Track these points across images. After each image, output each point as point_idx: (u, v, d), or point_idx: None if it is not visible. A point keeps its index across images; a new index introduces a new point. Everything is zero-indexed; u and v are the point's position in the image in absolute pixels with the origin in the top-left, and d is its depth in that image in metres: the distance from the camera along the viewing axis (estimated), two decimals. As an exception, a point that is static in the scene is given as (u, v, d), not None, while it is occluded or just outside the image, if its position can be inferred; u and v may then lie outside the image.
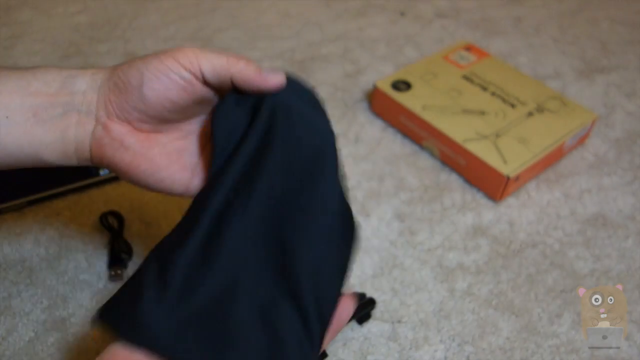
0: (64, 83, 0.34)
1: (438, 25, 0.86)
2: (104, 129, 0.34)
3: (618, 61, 0.80)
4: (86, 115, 0.34)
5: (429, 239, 0.55)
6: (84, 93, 0.34)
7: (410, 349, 0.47)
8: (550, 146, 0.60)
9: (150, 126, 0.35)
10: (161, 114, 0.35)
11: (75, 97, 0.34)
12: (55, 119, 0.34)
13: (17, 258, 0.51)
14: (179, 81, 0.33)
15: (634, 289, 0.52)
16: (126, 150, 0.35)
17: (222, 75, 0.34)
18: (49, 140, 0.34)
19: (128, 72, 0.33)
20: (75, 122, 0.34)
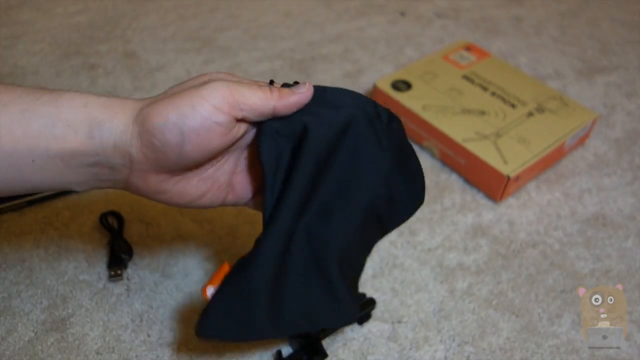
0: (92, 131, 0.31)
1: (438, 25, 0.86)
2: (141, 178, 0.33)
3: (618, 61, 0.80)
4: (120, 166, 0.33)
5: (429, 239, 0.55)
6: (115, 147, 0.32)
7: (410, 349, 0.47)
8: (550, 146, 0.60)
9: (187, 170, 0.34)
10: (201, 162, 0.34)
11: (107, 151, 0.32)
12: (87, 167, 0.32)
13: (16, 258, 0.51)
14: (219, 129, 0.31)
15: (634, 289, 0.52)
16: (164, 193, 0.35)
17: (264, 113, 0.33)
18: (79, 180, 0.33)
19: (164, 127, 0.31)
20: (108, 171, 0.33)
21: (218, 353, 0.45)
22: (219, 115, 0.31)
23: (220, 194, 0.37)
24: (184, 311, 0.48)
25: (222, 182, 0.37)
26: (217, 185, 0.37)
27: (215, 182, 0.36)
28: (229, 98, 0.31)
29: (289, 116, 0.34)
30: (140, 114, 0.32)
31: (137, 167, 0.32)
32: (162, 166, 0.32)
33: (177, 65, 0.75)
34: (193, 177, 0.35)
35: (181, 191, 0.35)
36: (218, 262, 0.52)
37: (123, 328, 0.47)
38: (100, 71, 0.73)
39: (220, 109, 0.31)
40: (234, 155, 0.37)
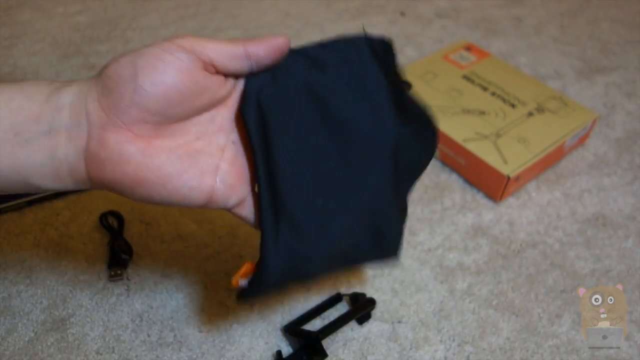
0: (50, 97, 0.30)
1: (438, 25, 0.86)
2: (99, 142, 0.30)
3: (618, 61, 0.80)
4: (76, 129, 0.30)
5: (429, 239, 0.55)
6: (71, 105, 0.30)
7: (410, 349, 0.47)
8: (550, 146, 0.60)
9: (151, 128, 0.31)
10: (162, 109, 0.30)
11: (62, 112, 0.30)
12: (40, 138, 0.29)
13: (16, 258, 0.51)
14: (177, 63, 0.30)
15: (634, 289, 0.52)
16: (127, 162, 0.30)
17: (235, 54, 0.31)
18: (35, 162, 0.30)
19: (117, 66, 0.30)
20: (64, 139, 0.30)
21: (218, 353, 0.46)
22: (177, 49, 0.30)
23: (201, 179, 0.33)
24: (184, 311, 0.48)
25: (204, 166, 0.33)
26: (198, 168, 0.33)
27: (193, 161, 0.32)
28: (193, 39, 0.30)
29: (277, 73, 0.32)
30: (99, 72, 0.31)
31: (94, 123, 0.30)
32: (119, 113, 0.29)
33: (177, 65, 0.75)
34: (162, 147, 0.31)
35: (148, 162, 0.31)
36: (218, 262, 0.52)
37: (123, 328, 0.47)
38: (100, 71, 0.73)
39: (181, 45, 0.30)
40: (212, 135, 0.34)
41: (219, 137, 0.34)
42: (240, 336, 0.47)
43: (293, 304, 0.49)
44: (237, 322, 0.48)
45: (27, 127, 0.29)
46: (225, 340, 0.46)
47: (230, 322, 0.48)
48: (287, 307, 0.49)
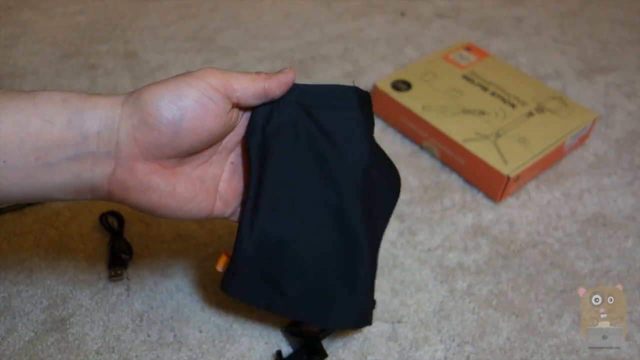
0: (71, 121, 0.29)
1: (438, 25, 0.86)
2: (127, 171, 0.31)
3: (618, 61, 0.80)
4: (104, 157, 0.30)
5: (429, 239, 0.55)
6: (99, 134, 0.30)
7: (410, 349, 0.47)
8: (550, 146, 0.60)
9: (177, 160, 0.33)
10: (194, 148, 0.32)
11: (89, 140, 0.30)
12: (65, 163, 0.30)
13: (16, 258, 0.51)
14: (215, 109, 0.31)
15: (634, 289, 0.52)
16: (153, 192, 0.32)
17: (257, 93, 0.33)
18: (57, 182, 0.30)
19: (159, 104, 0.30)
20: (90, 164, 0.30)
21: (218, 353, 0.46)
22: (215, 92, 0.31)
23: (208, 200, 0.36)
24: (184, 311, 0.48)
25: (210, 187, 0.36)
26: (205, 189, 0.35)
27: (203, 184, 0.35)
28: (222, 79, 0.32)
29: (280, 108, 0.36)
30: (131, 97, 0.30)
31: (125, 154, 0.30)
32: (152, 149, 0.30)
33: (177, 65, 0.75)
34: (182, 174, 0.34)
35: (171, 190, 0.33)
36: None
37: (123, 328, 0.47)
38: (100, 71, 0.73)
39: (216, 87, 0.31)
40: (219, 158, 0.37)
41: (223, 159, 0.37)
42: (240, 336, 0.47)
43: (293, 304, 0.49)
44: (237, 322, 0.48)
45: (49, 152, 0.29)
46: (225, 340, 0.46)
47: (230, 322, 0.48)
48: (287, 307, 0.49)
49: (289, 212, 0.36)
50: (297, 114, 0.36)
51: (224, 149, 0.37)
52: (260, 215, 0.35)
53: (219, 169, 0.37)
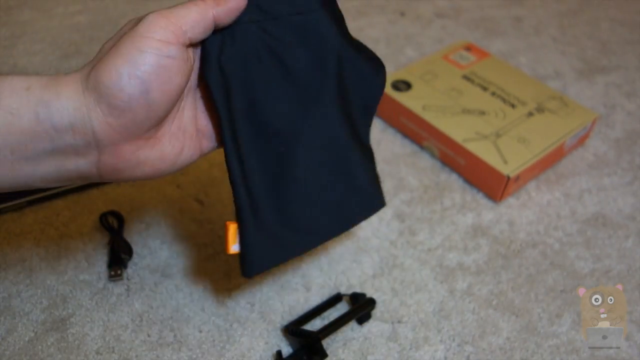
0: (38, 114, 0.28)
1: (438, 25, 0.86)
2: (114, 155, 0.30)
3: (618, 61, 0.80)
4: (84, 147, 0.29)
5: (429, 239, 0.55)
6: (73, 128, 0.28)
7: (410, 349, 0.47)
8: (550, 146, 0.60)
9: (157, 127, 0.31)
10: (169, 107, 0.31)
11: (63, 133, 0.28)
12: (44, 155, 0.29)
13: (16, 258, 0.51)
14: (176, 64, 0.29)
15: (634, 289, 0.52)
16: (145, 164, 0.31)
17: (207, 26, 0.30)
18: (41, 174, 0.29)
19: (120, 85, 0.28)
20: (72, 154, 0.29)
21: (218, 353, 0.46)
22: (169, 47, 0.29)
23: (194, 144, 0.34)
24: (184, 311, 0.48)
25: (191, 131, 0.34)
26: (189, 136, 0.34)
27: (185, 133, 0.34)
28: (169, 27, 0.29)
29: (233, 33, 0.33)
30: (88, 82, 0.28)
31: (105, 142, 0.29)
32: (131, 129, 0.29)
33: (177, 65, 0.75)
34: (164, 135, 0.32)
35: (159, 155, 0.32)
36: (218, 262, 0.52)
37: (123, 328, 0.47)
38: (100, 71, 0.73)
39: (167, 40, 0.29)
40: (188, 100, 0.34)
41: (192, 98, 0.35)
42: (240, 336, 0.47)
43: (293, 304, 0.49)
44: (237, 322, 0.48)
45: (24, 146, 0.28)
46: (225, 340, 0.46)
47: (230, 322, 0.48)
48: (287, 307, 0.49)
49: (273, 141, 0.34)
50: (253, 35, 0.33)
51: (189, 89, 0.34)
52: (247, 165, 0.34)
53: (192, 110, 0.35)
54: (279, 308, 0.49)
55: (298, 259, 0.52)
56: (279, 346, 0.46)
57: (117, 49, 0.28)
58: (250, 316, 0.48)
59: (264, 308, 0.49)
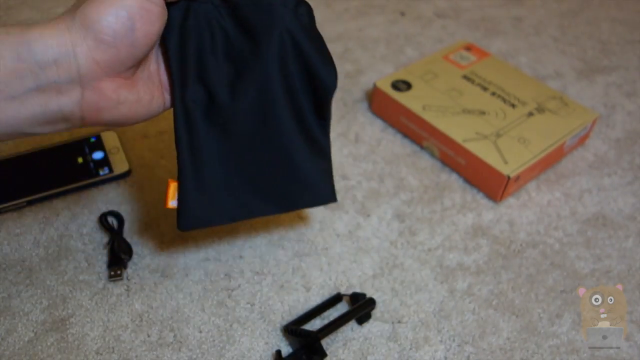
0: (20, 53, 0.29)
1: (438, 25, 0.86)
2: (96, 92, 0.31)
3: (618, 61, 0.80)
4: (68, 84, 0.30)
5: (429, 239, 0.55)
6: (57, 62, 0.30)
7: (410, 349, 0.47)
8: (550, 146, 0.60)
9: (134, 68, 0.33)
10: (148, 51, 0.33)
11: (48, 70, 0.30)
12: (27, 94, 0.30)
13: (16, 258, 0.51)
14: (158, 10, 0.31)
15: (634, 289, 0.52)
16: (123, 104, 0.33)
17: None
18: (26, 115, 0.30)
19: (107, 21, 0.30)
20: (55, 93, 0.30)
21: (218, 353, 0.46)
22: None
23: (160, 95, 0.36)
24: (184, 311, 0.48)
25: (157, 82, 0.36)
26: (156, 86, 0.36)
27: (153, 82, 0.36)
28: None
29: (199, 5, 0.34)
30: (74, 20, 0.30)
31: (89, 77, 0.31)
32: (114, 65, 0.31)
33: (177, 65, 0.75)
34: (139, 80, 0.34)
35: (136, 98, 0.34)
36: (218, 262, 0.52)
37: (123, 328, 0.47)
38: (100, 71, 0.73)
39: None
40: (154, 51, 0.36)
41: (154, 53, 0.36)
42: (240, 336, 0.47)
43: (293, 304, 0.49)
44: (237, 322, 0.48)
45: (8, 84, 0.29)
46: (225, 340, 0.46)
47: (230, 322, 0.48)
48: (287, 307, 0.49)
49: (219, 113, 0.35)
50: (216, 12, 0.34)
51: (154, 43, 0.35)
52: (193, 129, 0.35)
53: (156, 63, 0.36)
54: (279, 308, 0.49)
55: (298, 259, 0.52)
56: (278, 346, 0.46)
57: None
58: (250, 316, 0.48)
59: (264, 308, 0.49)
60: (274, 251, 0.53)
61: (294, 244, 0.54)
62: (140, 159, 0.61)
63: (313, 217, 0.56)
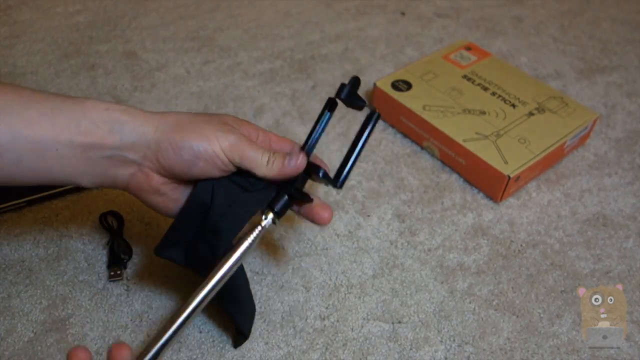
0: (112, 128, 0.37)
1: (438, 25, 0.86)
2: (145, 177, 0.39)
3: (619, 61, 0.80)
4: (131, 162, 0.38)
5: (429, 239, 0.55)
6: (133, 145, 0.38)
7: (410, 349, 0.46)
8: (550, 146, 0.60)
9: (179, 181, 0.41)
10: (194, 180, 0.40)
11: (125, 147, 0.37)
12: (102, 159, 0.37)
13: (16, 258, 0.51)
14: (218, 164, 0.39)
15: (634, 289, 0.52)
16: (161, 195, 0.40)
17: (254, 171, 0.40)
18: (90, 173, 0.38)
19: (181, 145, 0.37)
20: (119, 164, 0.38)
21: (218, 353, 0.45)
22: (223, 157, 0.38)
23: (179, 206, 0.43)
24: (184, 311, 0.48)
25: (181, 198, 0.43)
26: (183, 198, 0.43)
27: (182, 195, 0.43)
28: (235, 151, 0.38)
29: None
30: (166, 127, 0.38)
31: (147, 165, 0.38)
32: (168, 171, 0.39)
33: (177, 65, 0.75)
34: (179, 187, 0.41)
35: (168, 197, 0.41)
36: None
37: (123, 328, 0.47)
38: (100, 71, 0.73)
39: (229, 157, 0.38)
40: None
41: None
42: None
43: (293, 304, 0.49)
44: (237, 322, 0.48)
45: (92, 148, 0.37)
46: (225, 341, 0.46)
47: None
48: (287, 307, 0.49)
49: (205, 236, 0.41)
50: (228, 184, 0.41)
51: None
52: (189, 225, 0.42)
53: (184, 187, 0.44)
54: (279, 308, 0.49)
55: (298, 259, 0.52)
56: (279, 346, 0.46)
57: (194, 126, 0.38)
58: (250, 316, 0.48)
59: (264, 308, 0.49)
60: (274, 251, 0.53)
61: (294, 244, 0.54)
62: (140, 158, 0.61)
63: (313, 217, 0.56)
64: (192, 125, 0.39)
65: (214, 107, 0.69)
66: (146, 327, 0.47)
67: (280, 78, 0.74)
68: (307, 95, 0.71)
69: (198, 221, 0.41)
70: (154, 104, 0.69)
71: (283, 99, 0.70)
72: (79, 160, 0.37)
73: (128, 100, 0.69)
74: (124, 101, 0.69)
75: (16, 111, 0.35)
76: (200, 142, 0.38)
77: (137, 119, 0.38)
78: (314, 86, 0.73)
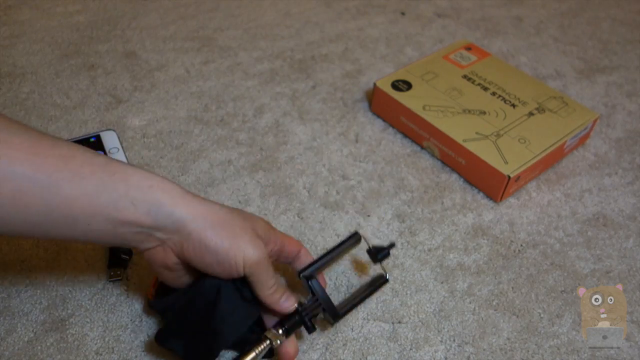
0: (150, 210, 0.37)
1: (438, 25, 0.86)
2: (164, 254, 0.40)
3: (619, 61, 0.80)
4: (156, 239, 0.39)
5: (429, 239, 0.55)
6: (165, 228, 0.38)
7: (410, 349, 0.46)
8: (550, 146, 0.60)
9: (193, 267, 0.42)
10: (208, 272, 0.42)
11: (156, 228, 0.38)
12: (132, 234, 0.38)
13: (16, 258, 0.51)
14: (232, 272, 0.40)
15: (634, 289, 0.52)
16: (171, 271, 0.42)
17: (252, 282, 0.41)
18: (113, 241, 0.39)
19: (207, 247, 0.39)
20: (144, 238, 0.39)
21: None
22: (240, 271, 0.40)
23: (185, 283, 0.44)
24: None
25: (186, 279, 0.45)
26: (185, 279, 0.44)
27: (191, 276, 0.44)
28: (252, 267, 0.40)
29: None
30: (201, 221, 0.39)
31: (170, 245, 0.39)
32: (184, 258, 0.40)
33: (177, 65, 0.75)
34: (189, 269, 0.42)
35: (176, 274, 0.42)
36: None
37: (122, 328, 0.47)
38: (100, 71, 0.73)
39: (238, 270, 0.40)
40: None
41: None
42: (240, 336, 0.47)
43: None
44: (237, 322, 0.47)
45: (124, 225, 0.37)
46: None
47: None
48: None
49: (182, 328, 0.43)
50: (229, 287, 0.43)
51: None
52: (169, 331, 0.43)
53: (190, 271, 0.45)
54: (279, 308, 0.49)
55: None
56: (278, 346, 0.46)
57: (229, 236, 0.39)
58: (250, 316, 0.48)
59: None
60: (274, 251, 0.53)
61: (294, 244, 0.54)
62: (140, 158, 0.61)
63: (313, 217, 0.56)
64: (227, 227, 0.40)
65: (214, 107, 0.69)
66: (146, 328, 0.47)
67: (280, 78, 0.74)
68: (307, 95, 0.71)
69: (199, 317, 0.42)
70: (154, 104, 0.69)
71: (283, 99, 0.70)
72: (108, 233, 0.38)
73: (128, 100, 0.69)
74: (124, 101, 0.69)
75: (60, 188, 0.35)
76: (226, 252, 0.39)
77: (177, 202, 0.38)
78: (314, 86, 0.73)
